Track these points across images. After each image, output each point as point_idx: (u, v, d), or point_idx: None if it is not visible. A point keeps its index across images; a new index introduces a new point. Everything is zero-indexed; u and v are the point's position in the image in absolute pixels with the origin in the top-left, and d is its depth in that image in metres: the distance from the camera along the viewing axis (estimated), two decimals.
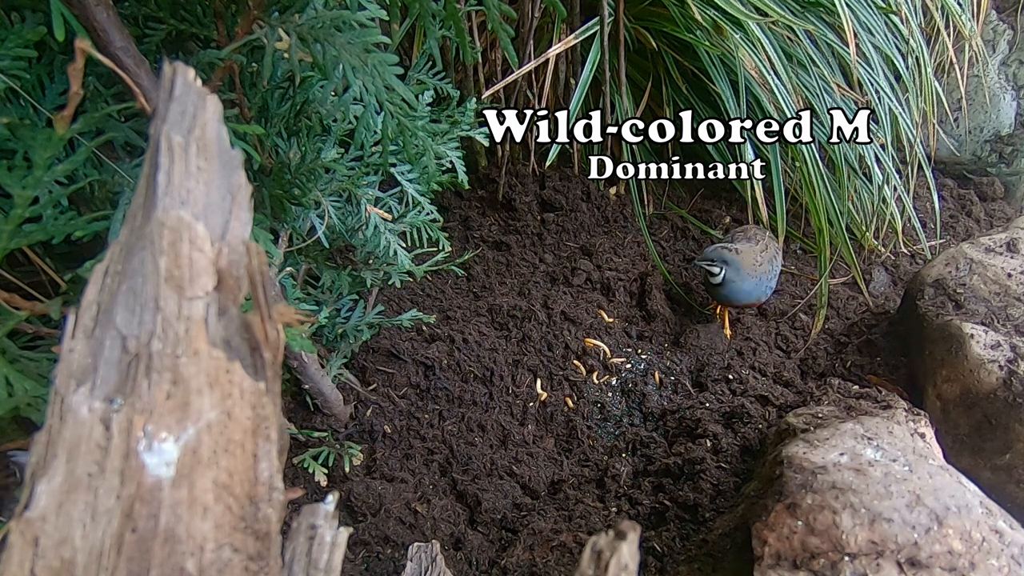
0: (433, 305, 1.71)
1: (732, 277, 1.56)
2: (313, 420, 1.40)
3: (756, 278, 1.56)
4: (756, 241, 1.62)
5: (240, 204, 0.49)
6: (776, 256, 1.66)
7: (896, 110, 1.84)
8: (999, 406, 1.31)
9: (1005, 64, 2.27)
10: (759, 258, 1.57)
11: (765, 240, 1.65)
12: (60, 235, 0.78)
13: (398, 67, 0.82)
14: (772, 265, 1.62)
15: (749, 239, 1.63)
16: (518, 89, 1.82)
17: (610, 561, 0.49)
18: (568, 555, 1.26)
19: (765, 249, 1.61)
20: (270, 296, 0.48)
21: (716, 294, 1.62)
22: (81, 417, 0.44)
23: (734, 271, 1.55)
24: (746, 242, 1.61)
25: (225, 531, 0.46)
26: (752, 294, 1.60)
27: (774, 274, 1.64)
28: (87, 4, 0.72)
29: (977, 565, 0.91)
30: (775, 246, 1.69)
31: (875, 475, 1.00)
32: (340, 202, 1.13)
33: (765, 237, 1.66)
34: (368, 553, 1.27)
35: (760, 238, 1.64)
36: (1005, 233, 1.62)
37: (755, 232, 1.69)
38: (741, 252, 1.56)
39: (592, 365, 1.61)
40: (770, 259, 1.61)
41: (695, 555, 1.16)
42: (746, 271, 1.55)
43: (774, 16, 1.65)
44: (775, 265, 1.64)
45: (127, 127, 0.89)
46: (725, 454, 1.36)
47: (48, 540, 0.43)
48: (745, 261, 1.55)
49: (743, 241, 1.62)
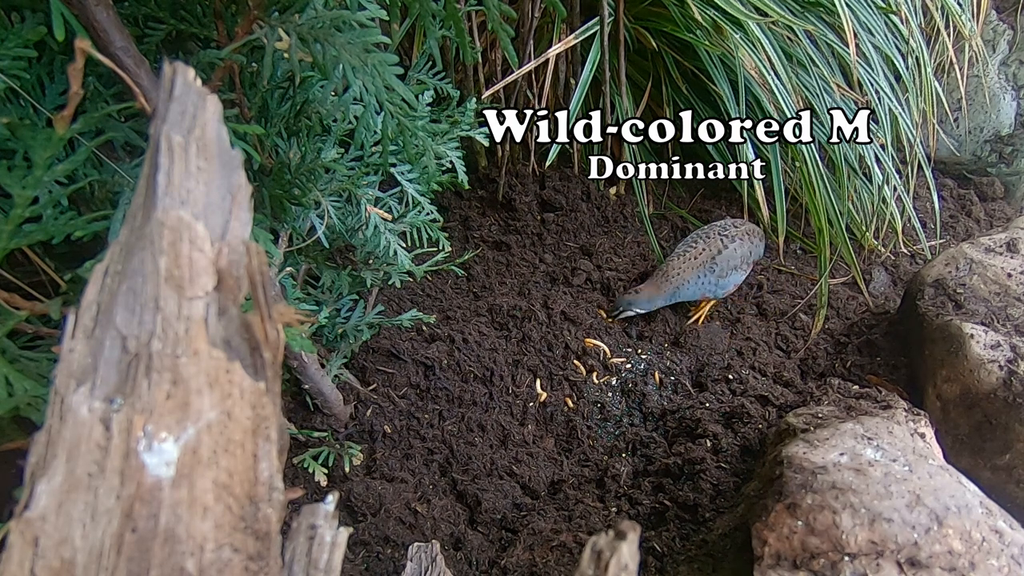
0: (433, 305, 1.71)
1: (644, 307, 1.67)
2: (313, 420, 1.40)
3: (671, 291, 1.66)
4: (691, 247, 1.69)
5: (240, 204, 0.49)
6: (737, 248, 1.70)
7: (896, 110, 1.84)
8: (999, 406, 1.31)
9: (1005, 64, 2.27)
10: (678, 269, 1.66)
11: (710, 240, 1.70)
12: (60, 235, 0.78)
13: (398, 67, 0.82)
14: (712, 264, 1.68)
15: (688, 247, 1.70)
16: (518, 89, 1.82)
17: (610, 561, 0.49)
18: (568, 555, 1.26)
19: (702, 252, 1.68)
20: (270, 296, 0.48)
21: None
22: (81, 417, 0.44)
23: (642, 303, 1.67)
24: (674, 260, 1.68)
25: (225, 531, 0.46)
26: (695, 295, 1.70)
27: (726, 268, 1.70)
28: (87, 4, 0.72)
29: (977, 565, 0.91)
30: (738, 241, 1.73)
31: (875, 475, 1.00)
32: (340, 202, 1.13)
33: (716, 235, 1.71)
34: (368, 553, 1.27)
35: (705, 240, 1.70)
36: (1005, 233, 1.62)
37: (710, 230, 1.74)
38: (640, 289, 1.66)
39: (592, 365, 1.61)
40: (704, 262, 1.67)
41: (695, 555, 1.16)
42: (658, 296, 1.67)
43: (774, 16, 1.65)
44: (720, 261, 1.69)
45: (127, 127, 0.89)
46: (725, 454, 1.36)
47: (48, 540, 0.43)
48: (645, 293, 1.66)
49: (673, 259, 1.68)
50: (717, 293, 1.71)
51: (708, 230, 1.74)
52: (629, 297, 1.65)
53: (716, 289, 1.70)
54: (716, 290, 1.70)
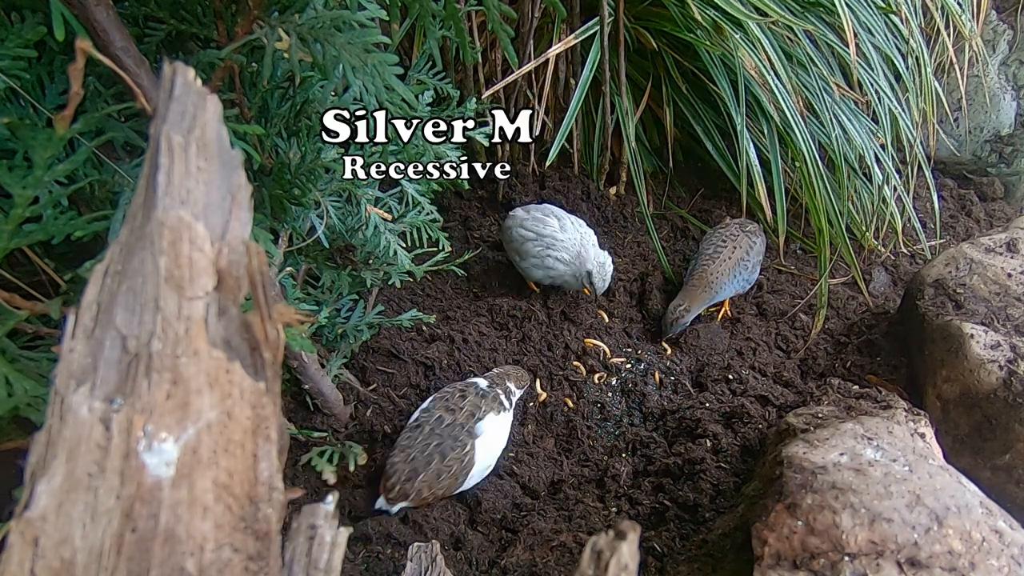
0: (433, 305, 1.70)
1: (692, 318, 1.68)
2: (313, 420, 1.40)
3: (712, 296, 1.68)
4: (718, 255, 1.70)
5: (240, 204, 0.49)
6: (748, 250, 1.72)
7: (896, 110, 1.84)
8: (999, 406, 1.31)
9: (1005, 64, 2.27)
10: (718, 275, 1.67)
11: (737, 239, 1.72)
12: (60, 235, 0.78)
13: (398, 67, 0.82)
14: (740, 266, 1.70)
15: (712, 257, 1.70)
16: (518, 89, 1.82)
17: (610, 561, 0.49)
18: (568, 555, 1.26)
19: (734, 252, 1.69)
20: (270, 296, 0.48)
21: None
22: (81, 417, 0.44)
23: (692, 315, 1.67)
24: (708, 263, 1.69)
25: (225, 531, 0.46)
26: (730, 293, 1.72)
27: (746, 268, 1.72)
28: (87, 4, 0.72)
29: (977, 565, 0.91)
30: (760, 237, 1.77)
31: (875, 475, 1.00)
32: (340, 202, 1.13)
33: (734, 244, 1.72)
34: (368, 553, 1.27)
35: (732, 240, 1.71)
36: (1005, 233, 1.62)
37: (731, 234, 1.74)
38: (686, 305, 1.66)
39: (592, 365, 1.61)
40: (737, 261, 1.69)
41: (695, 555, 1.16)
42: (702, 304, 1.68)
43: (774, 16, 1.65)
44: (745, 263, 1.71)
45: (127, 127, 0.89)
46: (725, 454, 1.36)
47: (48, 540, 0.43)
48: (692, 305, 1.66)
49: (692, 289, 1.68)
50: (744, 288, 1.73)
51: (725, 231, 1.75)
52: (679, 315, 1.64)
53: (745, 284, 1.72)
54: (744, 285, 1.72)
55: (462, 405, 1.32)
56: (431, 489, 1.25)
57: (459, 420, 1.30)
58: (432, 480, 1.25)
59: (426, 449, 1.26)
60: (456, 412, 1.31)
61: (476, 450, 1.29)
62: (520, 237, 1.64)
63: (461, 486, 1.30)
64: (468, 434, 1.29)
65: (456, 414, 1.31)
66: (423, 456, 1.26)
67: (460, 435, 1.29)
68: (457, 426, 1.29)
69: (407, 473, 1.25)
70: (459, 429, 1.29)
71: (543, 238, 1.61)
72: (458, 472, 1.27)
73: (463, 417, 1.30)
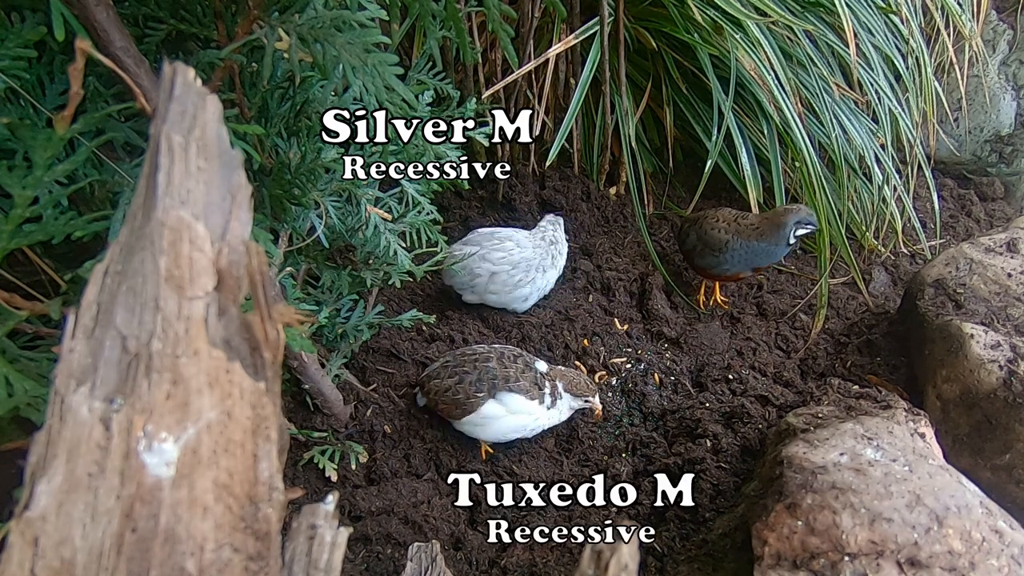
0: (433, 305, 1.70)
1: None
2: (313, 420, 1.40)
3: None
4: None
5: (240, 204, 0.49)
6: None
7: (896, 110, 1.84)
8: (999, 406, 1.31)
9: (1005, 64, 2.27)
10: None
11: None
12: (60, 235, 0.78)
13: (398, 67, 0.82)
14: None
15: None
16: (518, 89, 1.82)
17: (610, 561, 0.49)
18: (568, 555, 1.26)
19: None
20: (270, 296, 0.48)
21: None
22: (81, 417, 0.44)
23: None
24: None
25: (225, 531, 0.46)
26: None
27: None
28: (87, 4, 0.72)
29: (977, 565, 0.91)
30: None
31: (875, 475, 1.00)
32: (340, 202, 1.13)
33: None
34: (368, 553, 1.27)
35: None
36: (1005, 233, 1.62)
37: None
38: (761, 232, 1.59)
39: (592, 365, 1.61)
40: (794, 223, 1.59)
41: (695, 555, 1.16)
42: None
43: (774, 16, 1.65)
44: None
45: (127, 127, 0.89)
46: (725, 454, 1.36)
47: (48, 540, 0.43)
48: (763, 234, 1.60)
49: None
50: (770, 261, 1.66)
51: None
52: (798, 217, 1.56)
53: (772, 259, 1.65)
54: (772, 260, 1.65)
55: (510, 367, 1.37)
56: (437, 395, 1.38)
57: (498, 375, 1.36)
58: (440, 391, 1.37)
59: (459, 369, 1.38)
60: (502, 367, 1.37)
61: (483, 408, 1.35)
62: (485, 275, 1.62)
63: (456, 420, 1.39)
64: (490, 390, 1.35)
65: (501, 369, 1.37)
66: (450, 369, 1.39)
67: (484, 385, 1.35)
68: (490, 378, 1.36)
69: (435, 372, 1.40)
70: (489, 381, 1.36)
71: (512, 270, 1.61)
72: (461, 402, 1.35)
73: (502, 375, 1.36)
